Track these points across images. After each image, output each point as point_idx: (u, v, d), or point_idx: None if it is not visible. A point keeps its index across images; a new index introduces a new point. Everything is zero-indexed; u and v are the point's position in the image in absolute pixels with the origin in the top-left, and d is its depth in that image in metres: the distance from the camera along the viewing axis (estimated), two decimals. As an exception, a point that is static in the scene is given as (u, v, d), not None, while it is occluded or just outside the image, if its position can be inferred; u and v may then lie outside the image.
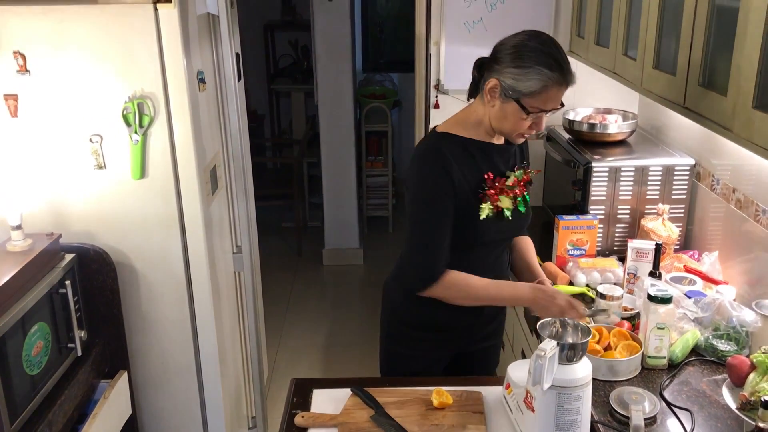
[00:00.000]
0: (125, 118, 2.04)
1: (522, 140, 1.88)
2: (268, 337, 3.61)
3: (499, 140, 1.89)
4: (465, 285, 1.85)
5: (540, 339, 1.58)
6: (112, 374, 2.16)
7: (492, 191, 1.82)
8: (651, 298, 1.88)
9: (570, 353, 1.54)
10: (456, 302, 1.86)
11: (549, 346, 1.51)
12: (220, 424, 2.41)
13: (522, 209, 1.90)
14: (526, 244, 2.14)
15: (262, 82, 6.40)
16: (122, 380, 2.17)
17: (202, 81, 2.23)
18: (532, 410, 1.57)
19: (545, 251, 2.60)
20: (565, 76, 1.74)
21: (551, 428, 1.56)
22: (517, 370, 1.74)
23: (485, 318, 2.02)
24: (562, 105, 1.82)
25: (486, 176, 1.83)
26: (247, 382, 2.87)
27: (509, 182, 1.86)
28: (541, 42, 1.75)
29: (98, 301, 2.14)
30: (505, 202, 1.84)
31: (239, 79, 2.72)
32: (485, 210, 1.80)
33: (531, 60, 1.72)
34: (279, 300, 4.38)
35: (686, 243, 2.57)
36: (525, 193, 1.90)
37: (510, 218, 1.86)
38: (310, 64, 5.64)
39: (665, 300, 1.87)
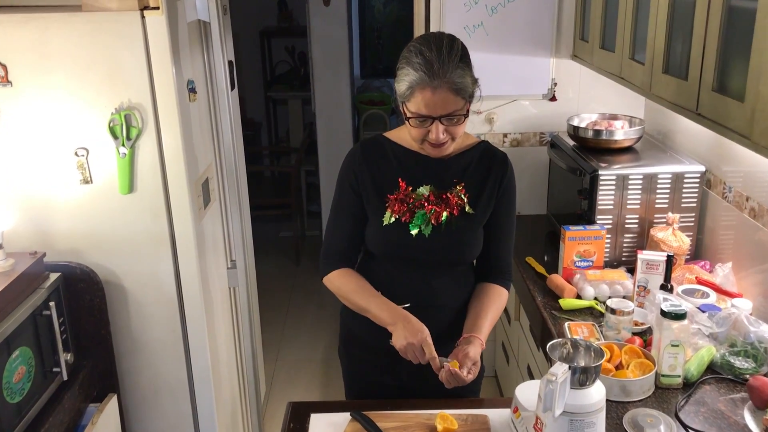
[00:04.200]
0: (112, 130, 1.95)
1: (436, 152, 1.68)
2: (265, 351, 3.51)
3: (440, 152, 1.69)
4: (343, 282, 1.79)
5: (550, 362, 1.49)
6: (100, 398, 2.07)
7: (394, 198, 1.73)
8: (664, 314, 1.79)
9: (582, 377, 1.45)
10: (340, 299, 1.83)
11: (560, 370, 1.42)
12: (215, 447, 2.31)
13: (426, 231, 1.72)
14: (486, 292, 1.83)
15: (258, 90, 6.33)
16: (111, 404, 2.07)
17: (192, 91, 2.14)
18: (543, 437, 1.48)
19: (551, 263, 2.52)
20: (430, 78, 1.55)
21: (563, 457, 1.47)
22: (526, 393, 1.65)
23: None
24: (464, 116, 1.63)
25: (400, 183, 1.74)
26: (244, 401, 2.77)
27: (416, 194, 1.73)
28: (422, 40, 1.63)
29: (85, 321, 2.04)
30: (417, 218, 1.72)
31: (233, 87, 2.63)
32: (387, 216, 1.74)
33: (403, 60, 1.63)
34: (277, 312, 4.28)
35: (696, 253, 2.48)
36: (443, 216, 1.72)
37: (414, 235, 1.72)
38: (307, 71, 5.57)
39: (679, 316, 1.78)
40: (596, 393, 1.47)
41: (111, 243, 2.05)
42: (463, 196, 1.74)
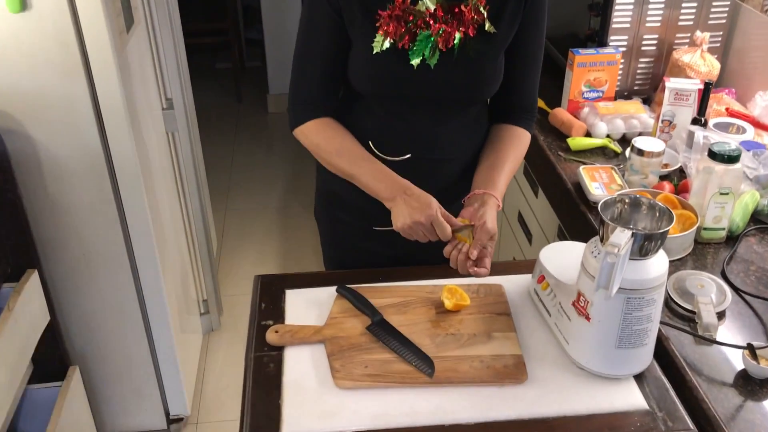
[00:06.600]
0: None
1: None
2: (212, 202, 3.12)
3: None
4: (322, 139, 1.38)
5: (602, 225, 1.16)
6: (17, 276, 1.67)
7: (387, 14, 1.27)
8: (713, 156, 1.46)
9: (646, 245, 1.13)
10: (317, 158, 1.44)
11: (623, 240, 1.09)
12: (164, 318, 1.98)
13: (432, 60, 1.29)
14: (505, 136, 1.46)
15: None
16: (32, 281, 1.68)
17: None
18: (587, 318, 1.18)
19: (550, 94, 2.14)
20: None
21: (612, 341, 1.18)
22: (554, 258, 1.34)
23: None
24: None
25: None
26: (194, 260, 2.42)
27: (417, 8, 1.26)
28: None
29: (-17, 183, 1.60)
30: (419, 42, 1.27)
31: None
32: (379, 42, 1.28)
33: None
34: (221, 157, 3.84)
35: (719, 80, 2.13)
36: (455, 39, 1.28)
37: (415, 66, 1.29)
38: None
39: (733, 158, 1.46)
40: (658, 265, 1.16)
41: (5, 80, 1.56)
42: (482, 8, 1.29)
